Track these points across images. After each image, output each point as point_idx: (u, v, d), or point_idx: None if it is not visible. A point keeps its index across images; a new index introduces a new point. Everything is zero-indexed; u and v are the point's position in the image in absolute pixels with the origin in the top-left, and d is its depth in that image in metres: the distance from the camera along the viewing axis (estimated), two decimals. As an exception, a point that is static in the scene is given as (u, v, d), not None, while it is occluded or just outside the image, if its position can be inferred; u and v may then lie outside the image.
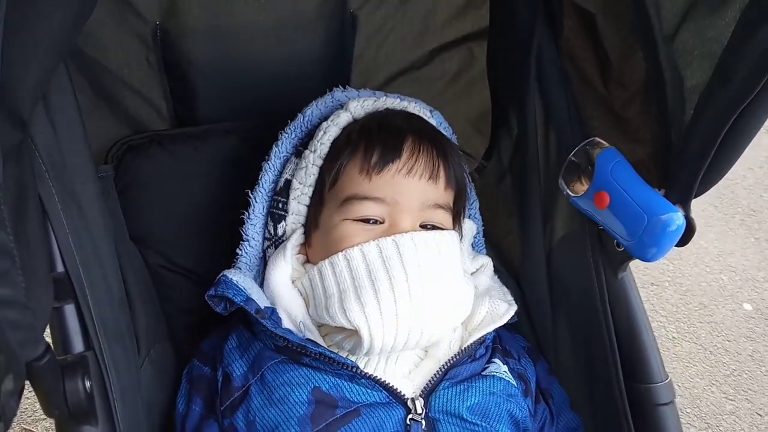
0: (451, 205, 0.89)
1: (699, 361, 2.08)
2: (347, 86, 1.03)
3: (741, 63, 0.64)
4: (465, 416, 0.79)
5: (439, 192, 0.86)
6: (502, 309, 0.91)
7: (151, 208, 1.00)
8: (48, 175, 0.66)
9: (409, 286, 0.77)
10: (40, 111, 0.67)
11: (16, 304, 0.47)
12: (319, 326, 0.85)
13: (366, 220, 0.82)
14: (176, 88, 1.03)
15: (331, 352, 0.78)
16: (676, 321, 2.21)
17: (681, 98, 0.73)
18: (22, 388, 0.54)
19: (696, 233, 0.76)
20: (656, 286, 2.34)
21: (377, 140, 0.84)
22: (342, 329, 0.79)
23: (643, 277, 2.35)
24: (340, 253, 0.80)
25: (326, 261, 0.81)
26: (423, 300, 0.78)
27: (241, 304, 0.80)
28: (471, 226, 1.00)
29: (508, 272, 1.06)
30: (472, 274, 0.97)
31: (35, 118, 0.65)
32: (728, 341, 2.15)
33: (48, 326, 0.66)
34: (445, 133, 0.97)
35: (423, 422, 0.78)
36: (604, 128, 0.87)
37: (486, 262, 0.99)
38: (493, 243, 1.08)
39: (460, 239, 0.94)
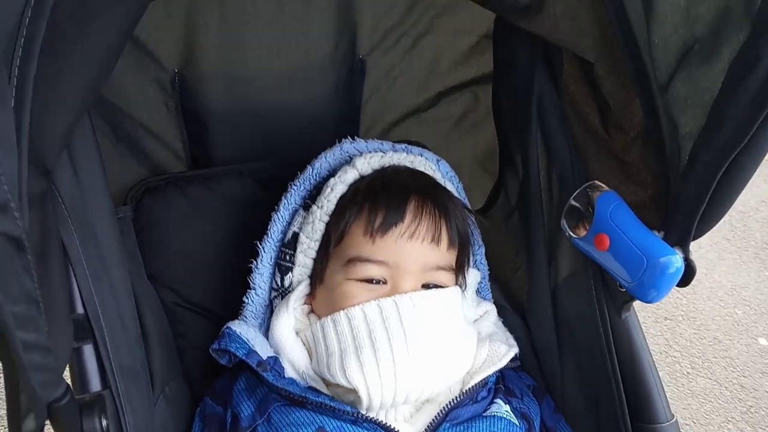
0: (453, 265, 0.92)
1: (714, 398, 2.06)
2: (357, 132, 1.08)
3: (732, 111, 0.66)
4: None
5: (441, 254, 0.89)
6: (501, 351, 0.93)
7: (166, 248, 1.03)
8: (70, 220, 0.70)
9: (408, 345, 0.81)
10: (63, 157, 0.71)
11: (40, 348, 0.50)
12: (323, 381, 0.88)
13: (369, 281, 0.86)
14: (193, 132, 1.08)
15: (333, 400, 0.81)
16: (691, 356, 2.20)
17: (677, 145, 0.75)
18: (43, 427, 0.57)
19: (709, 266, 0.79)
20: (670, 320, 2.33)
21: (381, 202, 0.87)
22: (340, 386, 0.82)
23: (657, 311, 2.35)
24: (342, 312, 0.84)
25: (329, 318, 0.85)
26: (422, 359, 0.81)
27: (243, 357, 0.83)
28: (476, 275, 1.03)
29: (515, 309, 1.07)
30: (475, 321, 1.00)
31: (58, 164, 0.69)
32: (744, 377, 2.13)
33: (67, 366, 0.70)
34: (450, 185, 1.00)
35: None
36: (606, 171, 0.90)
37: (489, 309, 1.02)
38: (500, 280, 1.10)
39: (464, 290, 0.97)
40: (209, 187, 1.07)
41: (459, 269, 0.94)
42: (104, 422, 0.65)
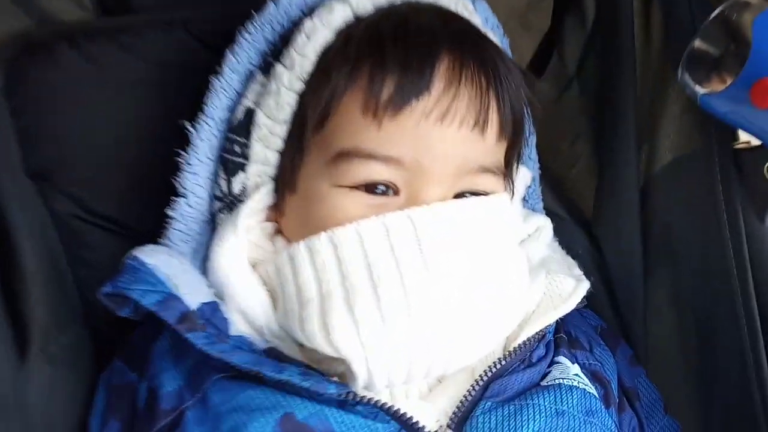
0: (503, 163, 0.59)
1: None
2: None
3: None
4: None
5: (488, 147, 0.55)
6: (567, 288, 0.62)
7: (59, 135, 0.69)
8: None
9: (430, 287, 0.50)
10: None
11: None
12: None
13: (371, 188, 0.53)
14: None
15: (306, 376, 0.50)
16: None
17: None
18: None
19: None
20: None
21: (392, 58, 0.53)
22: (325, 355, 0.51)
23: None
24: (323, 234, 0.51)
25: (301, 244, 0.52)
26: (453, 311, 0.50)
27: (153, 309, 0.50)
28: (525, 175, 0.70)
29: (575, 219, 0.75)
30: (522, 242, 0.67)
31: None
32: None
33: None
34: (494, 37, 0.65)
35: None
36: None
37: (543, 224, 0.69)
38: (549, 180, 0.77)
39: (512, 198, 0.64)
40: (123, 44, 0.71)
41: (508, 168, 0.61)
42: None
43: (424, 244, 0.50)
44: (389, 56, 0.53)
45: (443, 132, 0.52)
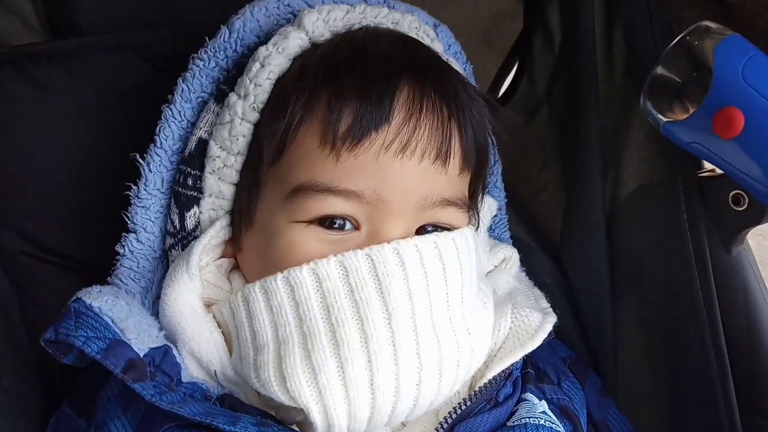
0: (467, 195, 0.57)
1: None
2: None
3: None
4: None
5: (451, 179, 0.53)
6: (533, 323, 0.59)
7: (3, 165, 0.65)
8: None
9: (394, 332, 0.47)
10: None
11: None
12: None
13: (329, 223, 0.50)
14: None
15: (265, 427, 0.47)
16: None
17: None
18: None
19: None
20: None
21: (351, 87, 0.51)
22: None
23: None
24: (279, 275, 0.49)
25: (256, 285, 0.50)
26: (416, 354, 0.48)
27: (97, 357, 0.47)
28: (491, 205, 0.68)
29: (541, 246, 0.74)
30: (488, 273, 0.66)
31: None
32: None
33: None
34: (456, 65, 0.63)
35: None
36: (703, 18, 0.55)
37: (509, 255, 0.67)
38: (517, 206, 0.75)
39: (477, 229, 0.62)
40: (71, 69, 0.68)
41: (472, 200, 0.59)
42: None
43: (385, 285, 0.48)
44: (347, 85, 0.51)
45: (404, 165, 0.50)
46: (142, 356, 0.49)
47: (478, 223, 0.63)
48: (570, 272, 0.72)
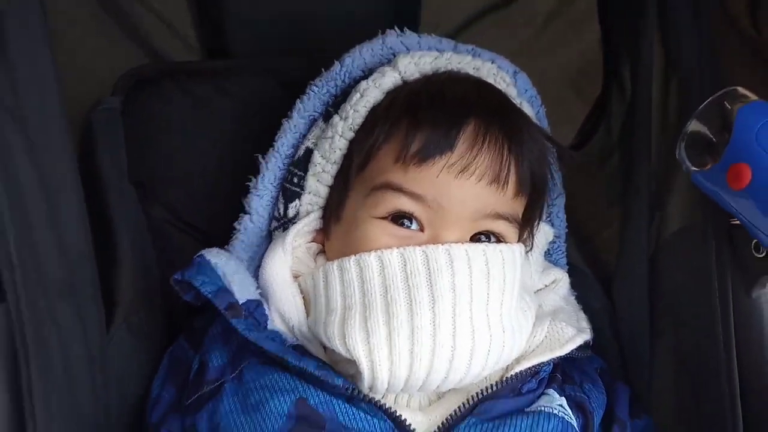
0: (520, 216, 0.67)
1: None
2: (414, 28, 0.82)
3: None
4: None
5: (505, 200, 0.64)
6: (566, 334, 0.68)
7: (161, 154, 0.84)
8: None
9: (436, 314, 0.58)
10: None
11: None
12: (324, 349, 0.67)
13: (400, 222, 0.63)
14: (206, 14, 0.87)
15: (321, 368, 0.61)
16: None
17: None
18: None
19: None
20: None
21: (425, 119, 0.63)
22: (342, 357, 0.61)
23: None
24: (352, 257, 0.61)
25: (334, 263, 0.63)
26: (451, 335, 0.58)
27: (208, 296, 0.63)
28: (547, 232, 0.77)
29: (597, 276, 0.81)
30: (537, 291, 0.75)
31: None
32: None
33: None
34: (528, 108, 0.74)
35: None
36: (750, 82, 0.61)
37: (560, 278, 0.76)
38: (583, 239, 0.84)
39: (529, 251, 0.72)
40: (217, 84, 0.86)
41: (527, 223, 0.69)
42: None
43: (433, 277, 0.59)
44: (422, 118, 0.63)
45: (462, 183, 0.61)
46: (240, 303, 0.63)
47: (532, 245, 0.72)
48: (616, 302, 0.78)
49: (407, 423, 0.60)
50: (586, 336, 0.69)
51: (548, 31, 0.94)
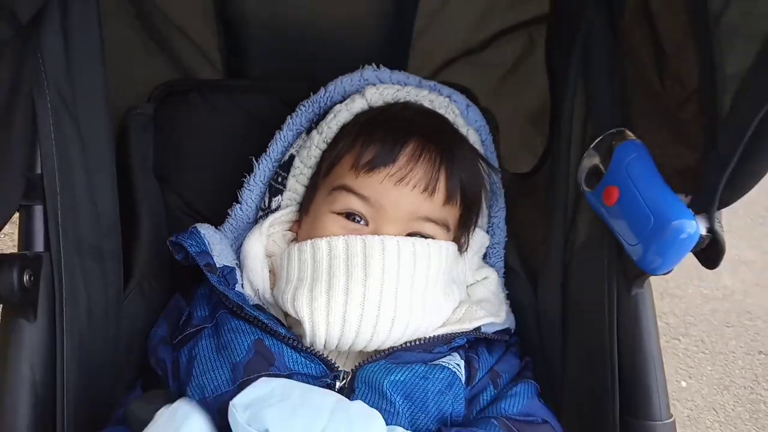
0: (449, 221, 0.83)
1: None
2: (404, 65, 1.01)
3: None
4: (385, 390, 0.72)
5: (434, 206, 0.81)
6: (477, 315, 0.83)
7: (180, 153, 1.03)
8: (47, 84, 0.70)
9: (366, 288, 0.74)
10: (54, 27, 0.71)
11: None
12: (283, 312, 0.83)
13: (350, 217, 0.80)
14: (230, 43, 1.06)
15: (269, 319, 0.76)
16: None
17: (722, 88, 0.63)
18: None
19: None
20: (766, 355, 2.04)
21: (376, 137, 0.81)
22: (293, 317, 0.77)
23: (753, 343, 2.07)
24: (309, 241, 0.79)
25: (296, 246, 0.80)
26: (377, 306, 0.74)
27: (194, 254, 0.80)
28: (483, 238, 0.94)
29: (529, 278, 0.96)
30: (470, 285, 0.91)
31: (45, 31, 0.70)
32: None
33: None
34: (474, 135, 0.92)
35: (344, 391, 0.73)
36: (653, 128, 0.76)
37: (490, 275, 0.92)
38: (521, 247, 0.99)
39: (463, 247, 0.89)
40: (234, 99, 1.05)
41: (462, 228, 0.86)
42: (26, 278, 0.65)
43: (368, 260, 0.75)
44: (375, 136, 0.80)
45: (400, 189, 0.79)
46: (217, 266, 0.80)
47: (467, 246, 0.88)
48: (539, 301, 0.93)
49: (335, 365, 0.75)
50: (497, 320, 0.84)
51: (513, 74, 1.10)
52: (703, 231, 0.64)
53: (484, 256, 0.95)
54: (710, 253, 0.66)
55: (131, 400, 0.71)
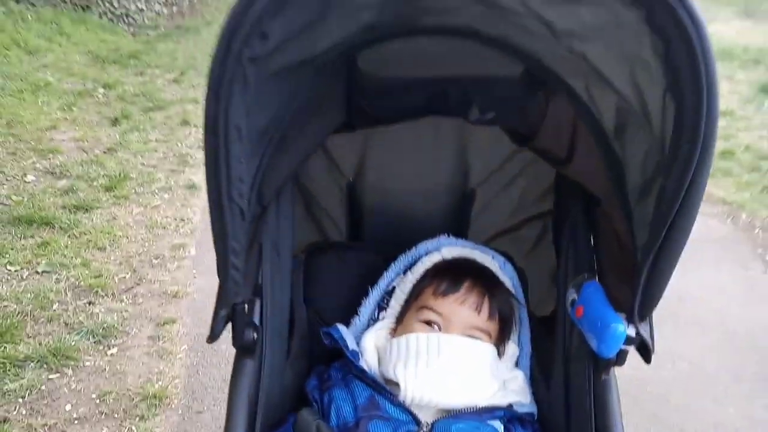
0: (491, 331, 1.36)
1: None
2: (465, 236, 1.59)
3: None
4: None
5: (481, 320, 1.35)
6: (507, 399, 1.32)
7: (319, 287, 1.58)
8: (267, 239, 1.30)
9: (437, 366, 1.26)
10: (272, 210, 1.33)
11: (238, 262, 1.06)
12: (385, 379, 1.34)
13: (429, 323, 1.34)
14: (353, 220, 1.68)
15: (378, 383, 1.28)
16: None
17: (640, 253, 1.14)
18: (229, 319, 1.13)
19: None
20: None
21: (447, 277, 1.37)
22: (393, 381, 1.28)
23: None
24: (404, 335, 1.33)
25: (396, 338, 1.34)
26: (441, 377, 1.25)
27: (338, 339, 1.35)
28: (513, 348, 1.43)
29: (543, 379, 1.43)
30: (505, 381, 1.38)
31: (269, 214, 1.31)
32: None
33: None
34: (507, 281, 1.47)
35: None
36: (615, 273, 1.28)
37: (518, 375, 1.40)
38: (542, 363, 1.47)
39: (501, 354, 1.39)
40: (355, 255, 1.64)
41: (500, 338, 1.38)
42: (254, 335, 1.19)
43: (441, 347, 1.27)
44: (446, 276, 1.36)
45: (461, 308, 1.33)
46: (350, 348, 1.34)
47: (504, 352, 1.39)
48: (550, 392, 1.38)
49: (418, 416, 1.23)
50: (524, 401, 1.33)
51: (538, 246, 1.65)
52: (633, 333, 1.12)
53: (516, 364, 1.44)
54: (642, 350, 1.13)
55: (302, 410, 1.22)
